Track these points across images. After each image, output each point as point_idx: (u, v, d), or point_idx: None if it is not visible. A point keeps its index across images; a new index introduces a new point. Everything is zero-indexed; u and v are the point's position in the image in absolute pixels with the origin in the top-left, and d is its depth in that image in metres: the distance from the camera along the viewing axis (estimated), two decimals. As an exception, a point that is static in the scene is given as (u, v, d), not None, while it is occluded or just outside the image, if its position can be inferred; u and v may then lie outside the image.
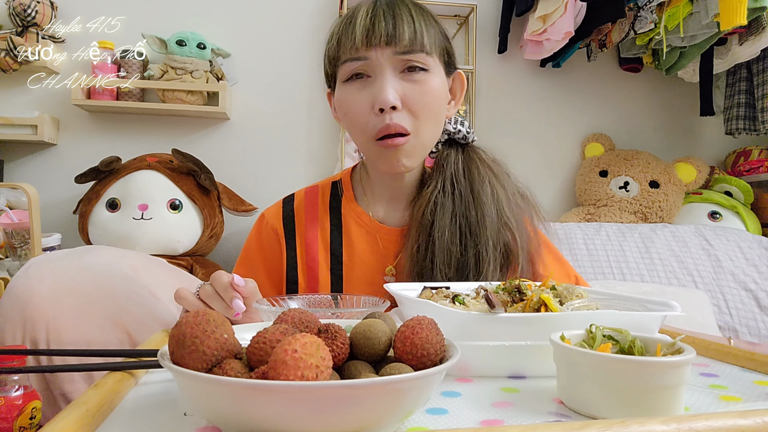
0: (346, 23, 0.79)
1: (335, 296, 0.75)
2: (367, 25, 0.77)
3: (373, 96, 0.78)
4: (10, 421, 0.63)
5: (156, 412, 0.43)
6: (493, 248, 0.81)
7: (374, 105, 0.77)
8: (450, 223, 0.82)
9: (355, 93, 0.80)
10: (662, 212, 2.08)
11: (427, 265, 0.80)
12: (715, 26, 1.73)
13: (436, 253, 0.80)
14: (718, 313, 1.69)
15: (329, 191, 0.95)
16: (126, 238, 1.74)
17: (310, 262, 0.89)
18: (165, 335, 0.66)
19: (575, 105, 2.33)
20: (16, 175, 1.98)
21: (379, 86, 0.77)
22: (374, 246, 0.89)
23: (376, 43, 0.76)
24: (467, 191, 0.85)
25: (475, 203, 0.83)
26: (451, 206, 0.83)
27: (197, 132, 2.10)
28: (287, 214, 0.94)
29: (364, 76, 0.79)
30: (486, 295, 0.53)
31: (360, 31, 0.77)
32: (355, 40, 0.77)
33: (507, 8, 2.13)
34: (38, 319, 0.99)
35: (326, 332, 0.40)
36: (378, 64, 0.77)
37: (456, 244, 0.81)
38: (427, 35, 0.78)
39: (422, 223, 0.83)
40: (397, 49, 0.77)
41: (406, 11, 0.78)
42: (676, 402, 0.42)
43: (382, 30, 0.76)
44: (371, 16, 0.77)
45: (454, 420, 0.42)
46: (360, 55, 0.78)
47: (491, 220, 0.82)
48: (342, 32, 0.79)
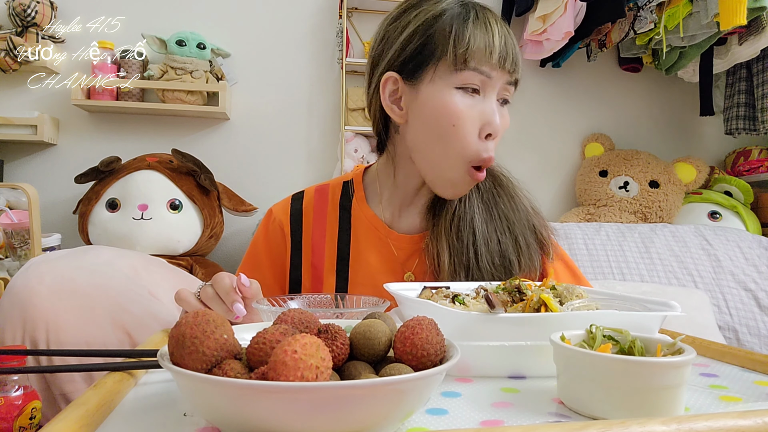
0: (483, 29, 0.74)
1: (335, 296, 0.75)
2: (501, 44, 0.74)
3: (486, 117, 0.75)
4: (10, 421, 0.63)
5: (156, 412, 0.43)
6: (528, 232, 0.82)
7: (484, 127, 0.76)
8: (486, 215, 0.82)
9: (467, 107, 0.75)
10: (662, 212, 2.08)
11: (471, 256, 0.79)
12: (714, 26, 1.73)
13: (478, 243, 0.79)
14: (718, 313, 1.69)
15: (340, 191, 0.93)
16: (126, 238, 1.74)
17: (316, 262, 0.87)
18: (165, 335, 0.66)
19: (575, 105, 2.33)
20: (16, 175, 1.98)
21: (491, 109, 0.75)
22: (384, 250, 0.87)
23: (507, 67, 0.74)
24: (490, 186, 0.86)
25: (503, 194, 0.85)
26: (480, 199, 0.84)
27: (197, 132, 2.10)
28: (295, 211, 0.92)
29: (478, 92, 0.76)
30: (486, 295, 0.53)
31: (499, 48, 0.73)
32: (493, 54, 0.73)
33: (507, 8, 2.13)
34: (38, 319, 0.99)
35: (326, 333, 0.40)
36: (493, 86, 0.75)
37: (494, 231, 0.81)
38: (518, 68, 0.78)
39: (454, 220, 0.82)
40: (512, 78, 0.76)
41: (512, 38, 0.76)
42: (676, 402, 0.42)
43: (511, 53, 0.74)
44: (502, 37, 0.74)
45: (454, 420, 0.42)
46: (489, 71, 0.74)
47: (521, 207, 0.83)
48: (478, 38, 0.73)
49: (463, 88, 0.75)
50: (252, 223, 2.06)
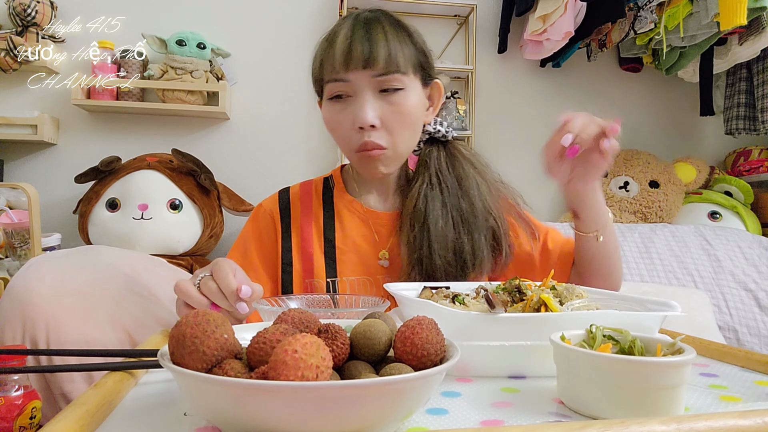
0: (327, 45, 0.84)
1: (335, 296, 0.75)
2: (345, 49, 0.81)
3: (353, 115, 0.83)
4: (10, 421, 0.63)
5: (156, 412, 0.43)
6: (485, 234, 0.88)
7: (354, 123, 0.83)
8: (443, 213, 0.88)
9: (338, 113, 0.85)
10: (662, 212, 2.08)
11: (425, 251, 0.85)
12: (715, 26, 1.73)
13: (432, 240, 0.86)
14: (718, 313, 1.69)
15: (322, 185, 1.00)
16: (126, 238, 1.74)
17: (304, 245, 0.93)
18: (165, 335, 0.66)
19: (575, 105, 2.33)
20: (16, 175, 1.98)
21: (358, 106, 0.82)
22: (366, 231, 0.94)
23: (354, 67, 0.81)
24: (454, 184, 0.91)
25: (463, 194, 0.90)
26: (440, 197, 0.89)
27: (197, 132, 2.10)
28: (283, 200, 0.98)
29: (345, 96, 0.84)
30: (486, 295, 0.53)
31: (339, 55, 0.81)
32: (335, 63, 0.82)
33: (507, 8, 2.13)
34: (38, 319, 0.99)
35: (326, 332, 0.40)
36: (357, 85, 0.82)
37: (451, 231, 0.87)
38: (401, 55, 0.82)
39: (414, 214, 0.89)
40: (373, 72, 0.81)
41: (382, 32, 0.82)
42: (676, 402, 0.42)
43: (359, 54, 0.80)
44: (349, 40, 0.81)
45: (454, 420, 0.42)
46: (340, 77, 0.82)
47: (479, 209, 0.89)
48: (324, 54, 0.84)
49: (332, 99, 0.85)
50: (252, 223, 2.06)
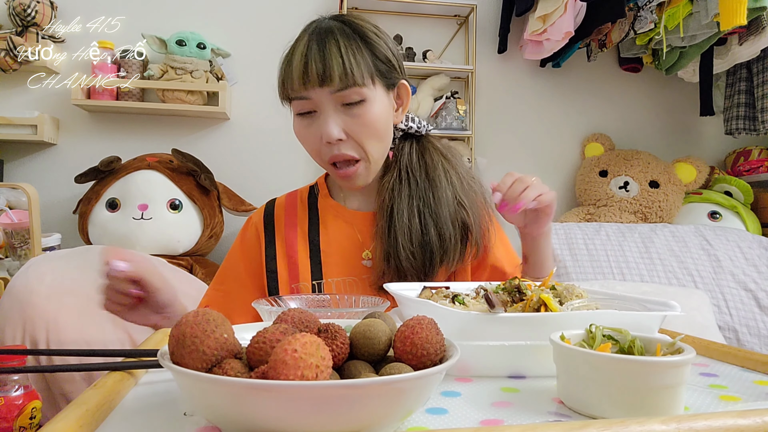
0: (286, 65, 0.85)
1: (334, 296, 0.75)
2: (300, 68, 0.82)
3: (319, 131, 0.84)
4: (10, 421, 0.63)
5: (156, 412, 0.43)
6: (452, 225, 0.89)
7: (322, 138, 0.84)
8: (408, 205, 0.89)
9: (305, 128, 0.86)
10: (662, 212, 2.08)
11: (392, 243, 0.87)
12: (715, 26, 1.73)
13: (397, 232, 0.87)
14: (718, 313, 1.69)
15: (307, 193, 1.02)
16: (126, 238, 1.74)
17: (290, 251, 0.94)
18: (165, 335, 0.66)
19: (575, 105, 2.33)
20: (16, 175, 1.98)
21: (323, 122, 0.83)
22: (350, 231, 0.95)
23: (312, 85, 0.82)
24: (422, 176, 0.92)
25: (431, 186, 0.91)
26: (407, 190, 0.90)
27: (197, 132, 2.10)
28: (268, 212, 1.00)
29: (311, 112, 0.85)
30: (486, 295, 0.53)
31: (296, 74, 0.82)
32: (293, 82, 0.83)
33: (507, 8, 2.13)
34: (38, 319, 0.99)
35: (326, 332, 0.40)
36: (319, 101, 0.83)
37: (416, 223, 0.88)
38: (357, 68, 0.82)
39: (382, 208, 0.90)
40: (330, 89, 0.82)
41: (335, 47, 0.82)
42: (676, 402, 0.42)
43: (314, 72, 0.81)
44: (303, 59, 0.82)
45: (454, 420, 0.42)
46: (301, 95, 0.83)
47: (447, 200, 0.90)
48: (284, 75, 0.85)
49: (299, 115, 0.86)
50: (252, 223, 2.06)
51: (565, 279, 1.72)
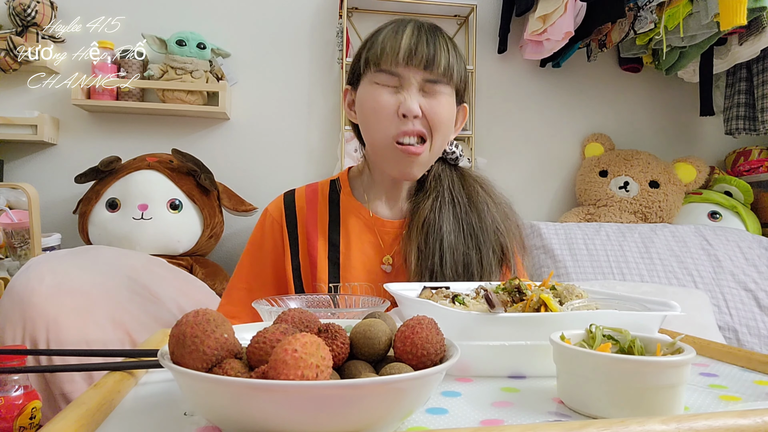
0: (392, 35, 0.87)
1: (334, 296, 0.75)
2: (411, 46, 0.85)
3: (399, 103, 0.86)
4: (10, 421, 0.63)
5: (156, 412, 0.43)
6: (493, 249, 0.92)
7: (399, 110, 0.86)
8: (454, 226, 0.91)
9: (384, 96, 0.87)
10: (662, 212, 2.08)
11: (436, 261, 0.88)
12: (715, 26, 1.73)
13: (444, 251, 0.88)
14: (718, 313, 1.69)
15: (328, 188, 1.01)
16: (126, 238, 1.74)
17: (310, 249, 0.94)
18: (165, 335, 0.66)
19: (575, 105, 2.33)
20: (16, 175, 1.98)
21: (406, 97, 0.86)
22: (371, 237, 0.95)
23: (415, 65, 0.85)
24: (465, 201, 0.95)
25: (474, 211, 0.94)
26: (452, 212, 0.93)
27: (197, 132, 2.10)
28: (288, 204, 0.99)
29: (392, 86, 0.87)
30: (486, 295, 0.53)
31: (404, 50, 0.85)
32: (398, 56, 0.85)
33: (507, 8, 2.13)
34: (38, 319, 0.99)
35: (326, 332, 0.40)
36: (407, 80, 0.86)
37: (461, 244, 0.90)
38: (455, 67, 0.88)
39: (425, 226, 0.91)
40: (430, 76, 0.86)
41: (444, 42, 0.88)
42: (676, 402, 0.42)
43: (422, 56, 0.84)
44: (414, 40, 0.85)
45: (454, 420, 0.42)
46: (396, 71, 0.86)
47: (489, 226, 0.93)
48: (387, 43, 0.86)
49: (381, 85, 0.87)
50: (252, 223, 2.05)
51: (565, 279, 1.72)
